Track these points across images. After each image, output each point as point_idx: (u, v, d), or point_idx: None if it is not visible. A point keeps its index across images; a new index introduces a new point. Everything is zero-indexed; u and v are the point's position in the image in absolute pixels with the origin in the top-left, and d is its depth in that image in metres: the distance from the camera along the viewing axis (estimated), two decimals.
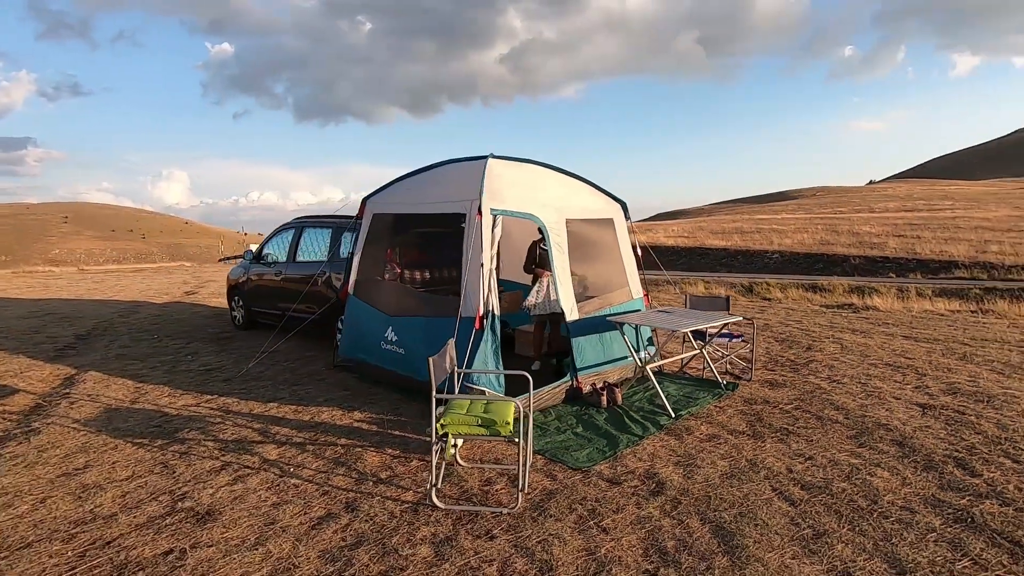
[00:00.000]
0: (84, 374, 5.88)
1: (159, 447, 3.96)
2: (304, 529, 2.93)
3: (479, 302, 4.38)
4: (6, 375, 5.83)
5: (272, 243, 7.84)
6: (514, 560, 2.66)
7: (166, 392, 5.25)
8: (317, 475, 3.55)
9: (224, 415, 4.64)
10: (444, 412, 3.36)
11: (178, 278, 18.42)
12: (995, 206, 54.59)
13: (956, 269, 22.34)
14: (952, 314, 11.42)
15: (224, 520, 3.01)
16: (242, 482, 3.44)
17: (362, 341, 5.59)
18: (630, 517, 3.05)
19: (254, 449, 3.94)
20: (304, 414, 4.65)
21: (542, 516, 3.05)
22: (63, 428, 4.31)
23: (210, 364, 6.33)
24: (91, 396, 5.12)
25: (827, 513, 3.10)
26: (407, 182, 5.64)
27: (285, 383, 5.54)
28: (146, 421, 4.48)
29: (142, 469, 3.62)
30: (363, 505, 3.17)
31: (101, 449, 3.92)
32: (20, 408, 4.85)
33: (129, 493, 3.31)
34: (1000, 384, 5.54)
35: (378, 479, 3.50)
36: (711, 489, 3.36)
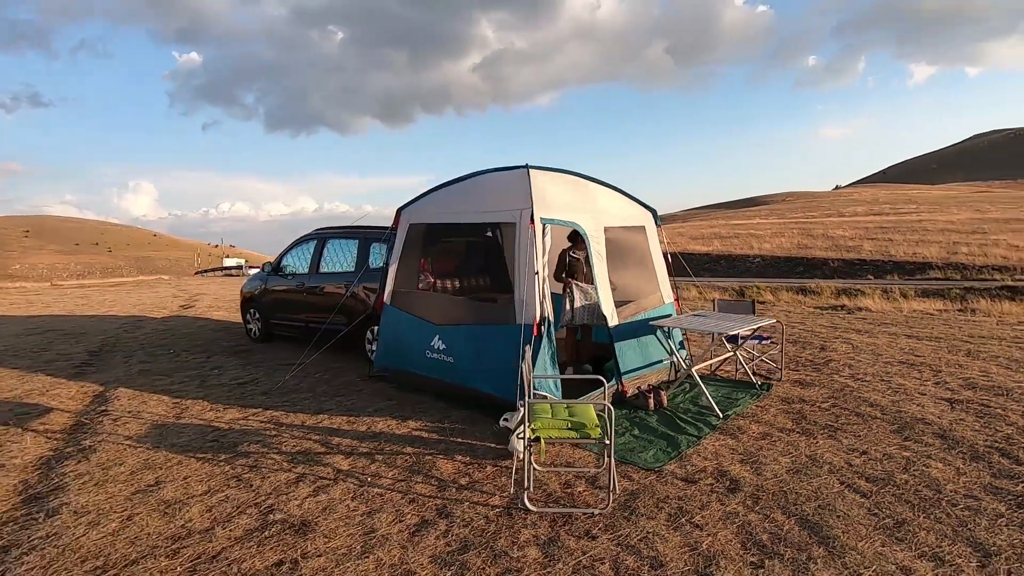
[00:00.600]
0: (114, 391, 5.76)
1: (224, 461, 3.94)
2: (405, 536, 2.97)
3: (536, 309, 4.47)
4: (32, 393, 5.68)
5: (291, 255, 7.79)
6: (624, 558, 2.75)
7: (207, 407, 5.19)
8: (397, 483, 3.58)
9: (277, 427, 4.62)
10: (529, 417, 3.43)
11: (165, 292, 18.04)
12: (956, 209, 56.89)
13: (931, 270, 23.26)
14: (940, 313, 11.93)
15: (322, 531, 3.02)
16: (324, 493, 3.45)
17: (402, 351, 5.62)
18: (717, 513, 3.16)
19: (322, 460, 3.94)
20: (358, 424, 4.65)
21: (633, 515, 3.14)
22: (117, 445, 4.24)
23: (240, 377, 6.26)
24: (132, 413, 5.03)
25: (899, 503, 3.27)
26: (442, 192, 5.70)
27: (325, 394, 5.53)
28: (200, 436, 4.44)
29: (217, 483, 3.60)
30: (455, 511, 3.22)
31: (166, 465, 3.87)
32: (61, 427, 4.75)
33: (214, 507, 3.29)
34: (1012, 379, 5.84)
35: (459, 485, 3.54)
36: (783, 484, 3.50)
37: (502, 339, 4.63)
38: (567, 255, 6.08)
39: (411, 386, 5.55)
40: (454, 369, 5.02)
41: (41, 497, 3.46)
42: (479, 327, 4.91)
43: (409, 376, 5.56)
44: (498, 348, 4.66)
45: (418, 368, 5.41)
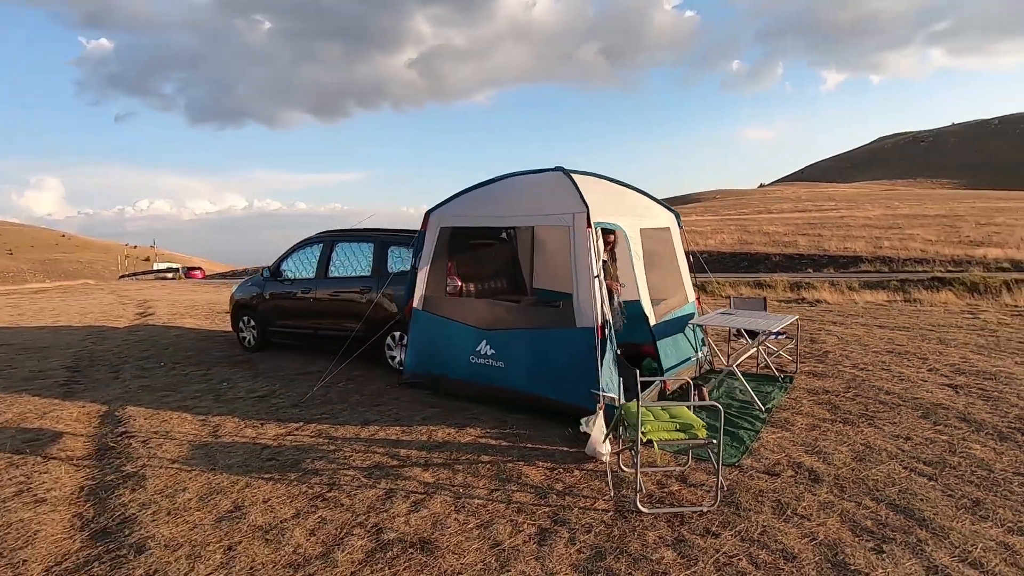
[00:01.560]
0: (122, 410, 5.32)
1: (296, 480, 3.75)
2: (534, 547, 2.95)
3: (596, 312, 4.52)
4: (28, 416, 5.16)
5: (292, 260, 7.45)
6: (755, 552, 2.86)
7: (241, 423, 4.91)
8: (492, 493, 3.54)
9: (331, 441, 4.43)
10: (622, 420, 3.49)
11: (106, 299, 16.73)
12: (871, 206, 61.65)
13: (862, 263, 25.14)
14: (890, 304, 12.93)
15: (446, 547, 2.96)
16: (424, 508, 3.36)
17: (437, 356, 5.52)
18: (814, 504, 3.34)
19: (401, 473, 3.83)
20: (415, 434, 4.54)
21: (740, 510, 3.27)
22: (166, 470, 3.94)
23: (256, 390, 5.94)
24: (159, 433, 4.68)
25: (964, 484, 3.57)
26: (474, 195, 5.65)
27: (361, 404, 5.35)
28: (252, 455, 4.19)
29: (303, 505, 3.43)
30: (569, 518, 3.23)
31: (234, 489, 3.64)
32: (84, 452, 4.35)
33: (316, 530, 3.14)
34: (990, 363, 6.46)
35: (556, 492, 3.55)
36: (855, 472, 3.74)
37: (563, 343, 4.66)
38: None
39: (448, 392, 5.46)
40: (505, 374, 5.00)
41: (111, 532, 3.18)
42: (536, 331, 4.90)
43: (446, 382, 5.47)
44: (559, 352, 4.68)
45: (458, 374, 5.34)
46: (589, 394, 4.45)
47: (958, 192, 73.44)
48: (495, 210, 5.44)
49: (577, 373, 4.54)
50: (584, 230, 4.68)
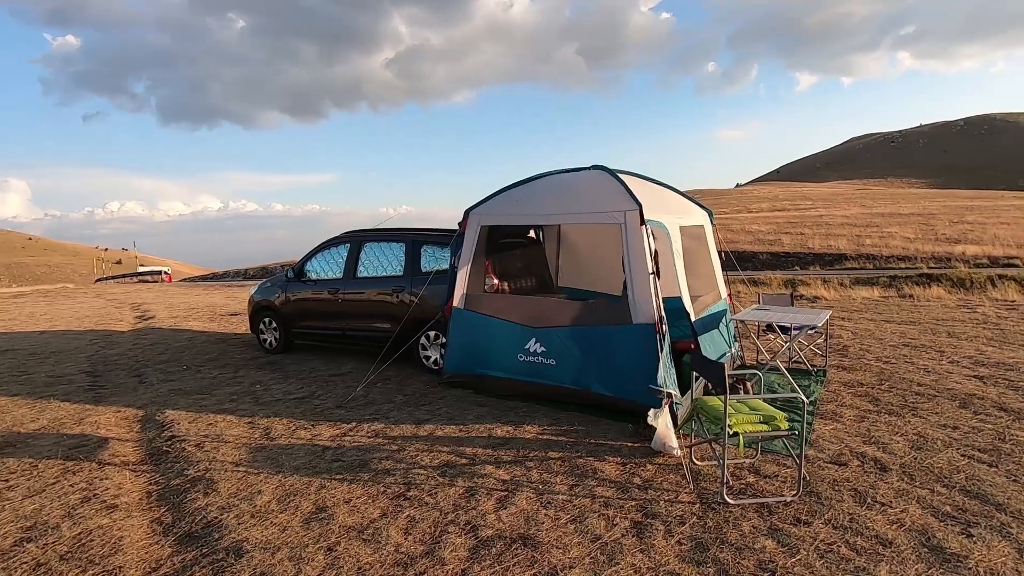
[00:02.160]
0: (160, 414, 5.21)
1: (371, 481, 3.72)
2: (634, 540, 2.99)
3: (653, 308, 4.57)
4: (65, 423, 5.02)
5: (317, 260, 7.36)
6: (851, 539, 2.94)
7: (291, 424, 4.84)
8: (574, 489, 3.56)
9: (391, 440, 4.40)
10: (698, 414, 3.55)
11: (94, 303, 16.28)
12: (847, 205, 63.12)
13: (846, 260, 25.75)
14: (886, 300, 13.29)
15: (548, 542, 2.97)
16: (511, 504, 3.37)
17: (480, 355, 5.51)
18: (890, 491, 3.44)
19: (474, 471, 3.83)
20: (473, 431, 4.54)
21: (822, 499, 3.35)
22: (233, 473, 3.88)
23: (293, 392, 5.86)
24: (210, 437, 4.59)
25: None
26: (513, 193, 5.66)
27: (407, 404, 5.32)
28: (316, 456, 4.15)
29: (387, 505, 3.41)
30: (659, 511, 3.27)
31: (309, 490, 3.60)
32: (138, 457, 4.25)
33: (411, 529, 3.12)
34: (1005, 355, 6.69)
35: (637, 486, 3.59)
36: (918, 461, 3.85)
37: (619, 340, 4.70)
38: None
39: (491, 391, 5.46)
40: (556, 371, 5.02)
41: (198, 536, 3.12)
42: (591, 328, 4.93)
43: (491, 381, 5.46)
44: (614, 349, 4.72)
45: (504, 372, 5.34)
46: (646, 390, 4.49)
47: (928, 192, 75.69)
48: (538, 208, 5.46)
49: (634, 369, 4.59)
50: (637, 227, 4.73)
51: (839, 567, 2.72)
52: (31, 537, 3.14)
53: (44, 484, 3.78)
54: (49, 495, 3.63)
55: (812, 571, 2.70)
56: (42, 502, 3.54)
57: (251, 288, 8.34)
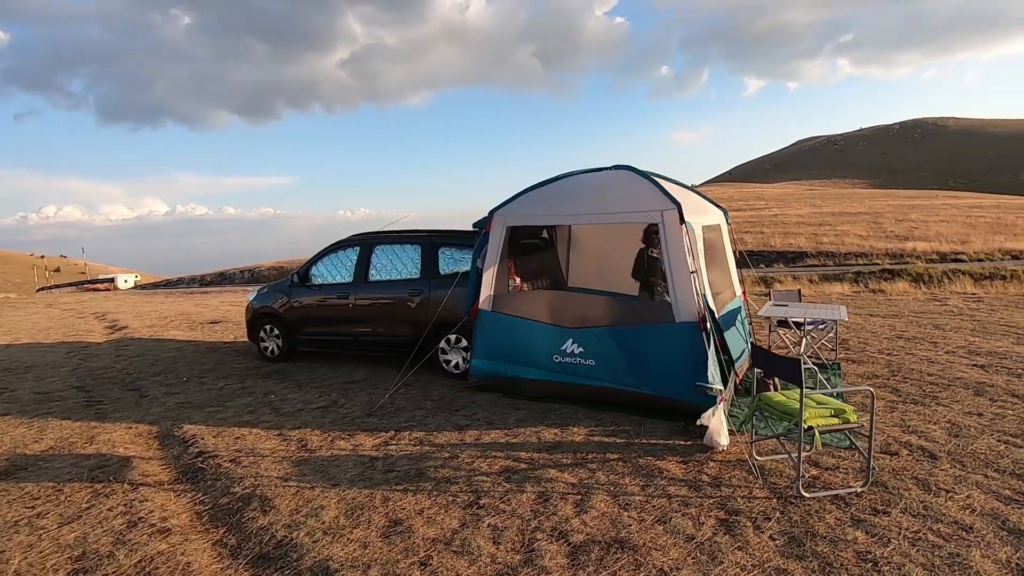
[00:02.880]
0: (179, 429, 4.91)
1: (435, 490, 3.60)
2: (727, 538, 2.98)
3: (695, 305, 4.61)
4: (76, 442, 4.66)
5: (323, 264, 7.11)
6: (934, 526, 3.02)
7: (325, 436, 4.64)
8: (646, 489, 3.54)
9: (438, 448, 4.28)
10: (760, 409, 3.60)
11: (53, 312, 15.30)
12: (798, 205, 65.69)
13: (807, 258, 26.80)
14: (857, 294, 13.89)
15: (644, 545, 2.93)
16: (590, 508, 3.32)
17: (513, 357, 5.43)
18: (948, 479, 3.55)
19: (537, 475, 3.75)
20: (521, 436, 4.46)
21: (890, 489, 3.43)
22: (287, 489, 3.68)
23: (312, 401, 5.63)
24: (244, 452, 4.35)
25: None
26: (538, 193, 5.63)
27: (440, 410, 5.18)
28: (366, 467, 3.98)
29: (461, 514, 3.30)
30: (738, 507, 3.28)
31: (374, 503, 3.45)
32: (171, 476, 4.00)
33: (498, 538, 3.03)
34: (992, 344, 7.07)
35: (707, 483, 3.59)
36: (961, 447, 3.99)
37: (662, 338, 4.72)
38: (645, 254, 6.29)
39: (523, 393, 5.38)
40: (595, 371, 4.99)
41: (273, 557, 2.94)
42: (632, 327, 4.92)
43: (523, 384, 5.38)
44: (658, 347, 4.73)
45: (539, 373, 5.28)
46: (691, 388, 4.53)
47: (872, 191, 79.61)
48: (567, 208, 5.43)
49: (678, 367, 4.61)
50: (677, 227, 4.76)
51: (933, 554, 2.79)
52: (87, 568, 2.89)
53: (78, 510, 3.50)
54: (88, 521, 3.35)
55: (909, 559, 2.76)
56: (83, 529, 3.27)
57: (248, 294, 7.98)
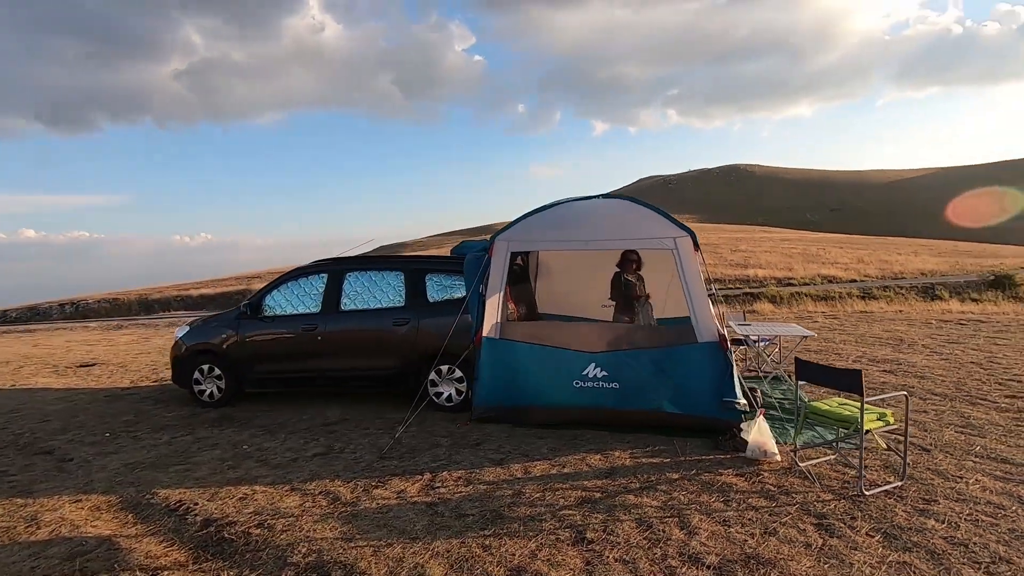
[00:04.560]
0: (151, 496, 4.01)
1: (528, 531, 3.35)
2: (836, 541, 3.17)
3: (715, 326, 4.90)
4: (15, 528, 3.58)
5: (280, 293, 6.32)
6: (978, 507, 3.49)
7: (355, 486, 4.09)
8: (729, 504, 3.63)
9: (491, 486, 3.99)
10: (812, 417, 3.94)
11: None
12: None
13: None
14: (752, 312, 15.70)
15: (775, 558, 3.00)
16: (696, 528, 3.32)
17: (525, 385, 5.28)
18: (952, 468, 4.13)
19: (617, 503, 3.67)
20: (569, 465, 4.32)
21: (920, 481, 3.90)
22: (354, 550, 3.17)
23: (300, 448, 4.95)
24: (267, 513, 3.68)
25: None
26: (539, 218, 5.64)
27: (458, 446, 4.84)
28: (432, 516, 3.59)
29: (577, 553, 3.11)
30: (822, 511, 3.50)
31: (475, 554, 3.12)
32: (187, 557, 3.25)
33: (637, 571, 2.91)
34: (881, 352, 8.44)
35: (777, 493, 3.79)
36: (938, 440, 4.68)
37: (687, 359, 4.92)
38: (621, 277, 6.56)
39: (532, 422, 5.24)
40: (619, 395, 5.02)
41: None
42: (656, 350, 5.05)
43: (536, 412, 5.24)
44: (682, 368, 4.92)
45: (556, 400, 5.19)
46: (716, 405, 4.79)
47: (704, 225, 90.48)
48: (573, 234, 5.49)
49: (703, 386, 4.85)
50: (691, 253, 5.06)
51: (994, 531, 3.23)
52: None
53: None
54: None
55: (980, 537, 3.17)
56: None
57: (178, 330, 6.82)
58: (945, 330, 10.69)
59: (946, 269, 32.17)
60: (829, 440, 4.56)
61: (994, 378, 6.62)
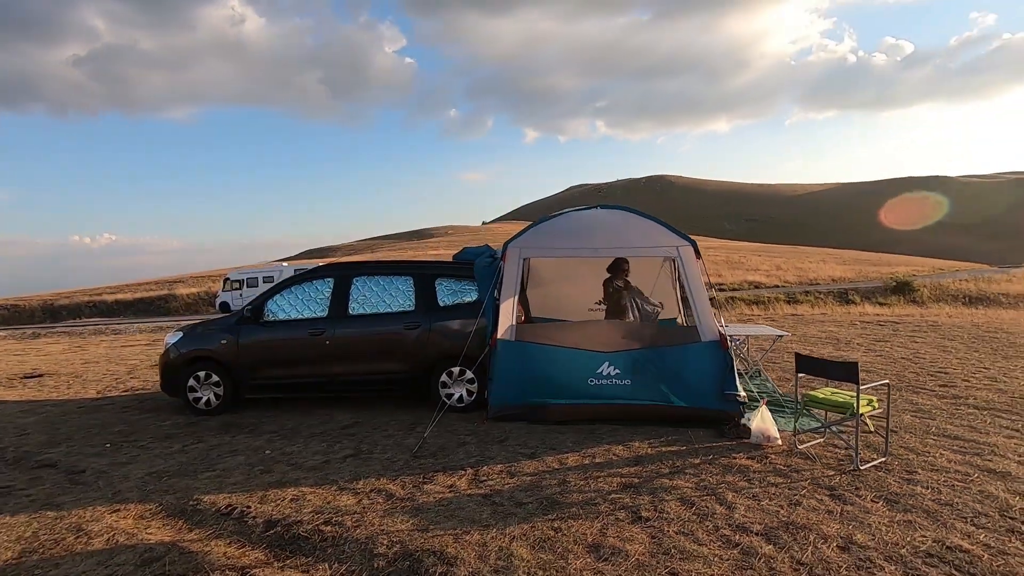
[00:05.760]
0: (196, 502, 3.98)
1: (585, 515, 3.66)
2: (851, 508, 3.70)
3: (715, 327, 5.43)
4: (64, 539, 3.47)
5: (283, 298, 6.27)
6: (948, 476, 4.16)
7: (402, 483, 4.24)
8: (752, 482, 4.10)
9: (535, 476, 4.28)
10: (810, 406, 4.53)
11: None
12: None
13: None
14: None
15: (808, 524, 3.47)
16: (734, 504, 3.75)
17: (541, 384, 5.59)
18: (918, 444, 4.85)
19: (656, 486, 4.06)
20: (597, 456, 4.67)
21: (898, 456, 4.56)
22: (435, 539, 3.36)
23: (326, 452, 5.01)
24: (327, 511, 3.77)
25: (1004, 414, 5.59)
26: (548, 227, 6.02)
27: (484, 443, 5.06)
28: (492, 505, 3.82)
29: (640, 531, 3.47)
30: (830, 484, 4.05)
31: (550, 536, 3.40)
32: (265, 556, 3.31)
33: (700, 540, 3.29)
34: (897, 347, 9.43)
35: (789, 471, 4.31)
36: (900, 423, 5.45)
37: (691, 357, 5.41)
38: (611, 284, 7.03)
39: (548, 419, 5.56)
40: (631, 391, 5.43)
41: None
42: (664, 348, 5.50)
43: (552, 409, 5.55)
44: (688, 365, 5.40)
45: (571, 398, 5.53)
46: (718, 398, 5.32)
47: None
48: (584, 242, 5.88)
49: (706, 381, 5.36)
50: (694, 260, 5.58)
51: (968, 493, 3.88)
52: None
53: None
54: None
55: (960, 498, 3.81)
56: None
57: (166, 337, 6.57)
58: (869, 330, 12.03)
59: (852, 276, 35.54)
60: (816, 426, 5.17)
61: (925, 371, 7.64)
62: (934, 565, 3.05)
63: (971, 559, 3.08)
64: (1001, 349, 9.25)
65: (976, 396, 6.32)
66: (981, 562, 3.05)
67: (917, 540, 3.29)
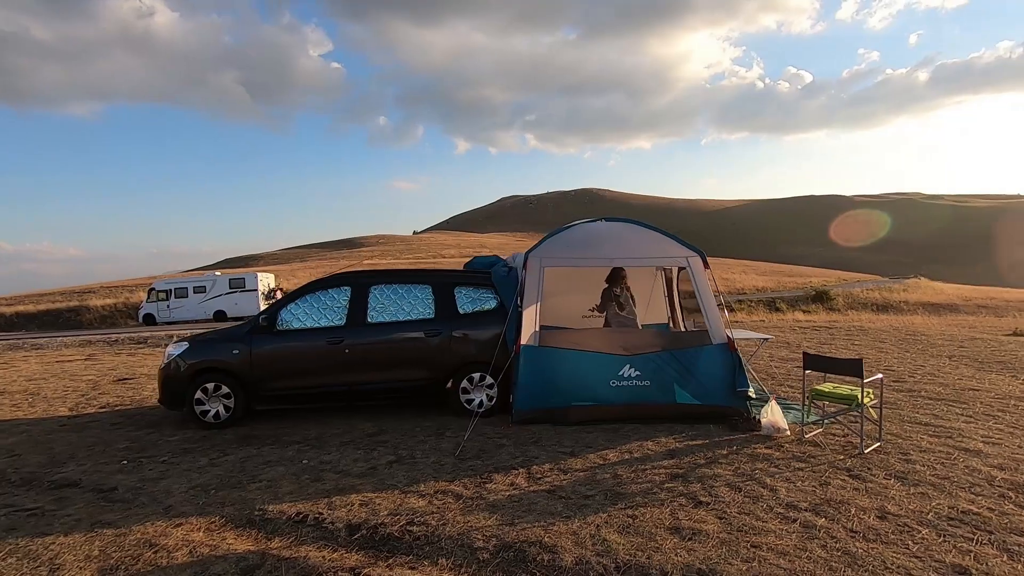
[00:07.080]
0: (257, 512, 3.93)
1: (649, 503, 3.97)
2: (869, 485, 4.24)
3: (724, 331, 5.94)
4: (140, 553, 3.35)
5: (297, 307, 6.18)
6: (935, 456, 4.83)
7: (462, 485, 4.37)
8: (780, 468, 4.57)
9: (588, 471, 4.54)
10: (812, 401, 5.11)
11: None
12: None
13: None
14: None
15: (841, 500, 3.97)
16: (774, 487, 4.19)
17: (565, 388, 5.86)
18: (903, 431, 5.57)
19: (699, 475, 4.44)
20: (633, 452, 4.99)
21: (891, 441, 5.22)
22: (547, 529, 3.55)
23: (371, 459, 5.04)
24: (404, 513, 3.85)
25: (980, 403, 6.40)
26: (564, 237, 6.37)
27: (522, 444, 5.26)
28: (562, 500, 4.04)
29: (705, 515, 3.81)
30: (845, 466, 4.59)
31: (628, 523, 3.68)
32: (363, 559, 3.37)
33: (761, 517, 3.69)
34: (841, 349, 10.35)
35: (806, 458, 4.83)
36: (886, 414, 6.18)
37: (704, 359, 5.88)
38: (611, 291, 7.46)
39: (570, 421, 5.84)
40: (650, 391, 5.81)
41: None
42: (680, 351, 5.92)
43: (575, 411, 5.82)
44: (701, 366, 5.87)
45: (594, 400, 5.84)
46: (728, 395, 5.83)
47: None
48: (603, 252, 6.26)
49: (717, 380, 5.85)
50: (702, 270, 6.09)
51: (957, 469, 4.55)
52: None
53: None
54: None
55: (953, 473, 4.45)
56: None
57: (169, 348, 6.26)
58: (810, 335, 13.24)
59: (773, 286, 38.43)
60: (815, 419, 5.78)
61: (876, 369, 8.60)
62: (957, 526, 3.60)
63: (983, 520, 3.67)
64: (926, 349, 10.55)
65: (926, 389, 7.26)
66: (992, 522, 3.64)
67: (935, 507, 3.86)
